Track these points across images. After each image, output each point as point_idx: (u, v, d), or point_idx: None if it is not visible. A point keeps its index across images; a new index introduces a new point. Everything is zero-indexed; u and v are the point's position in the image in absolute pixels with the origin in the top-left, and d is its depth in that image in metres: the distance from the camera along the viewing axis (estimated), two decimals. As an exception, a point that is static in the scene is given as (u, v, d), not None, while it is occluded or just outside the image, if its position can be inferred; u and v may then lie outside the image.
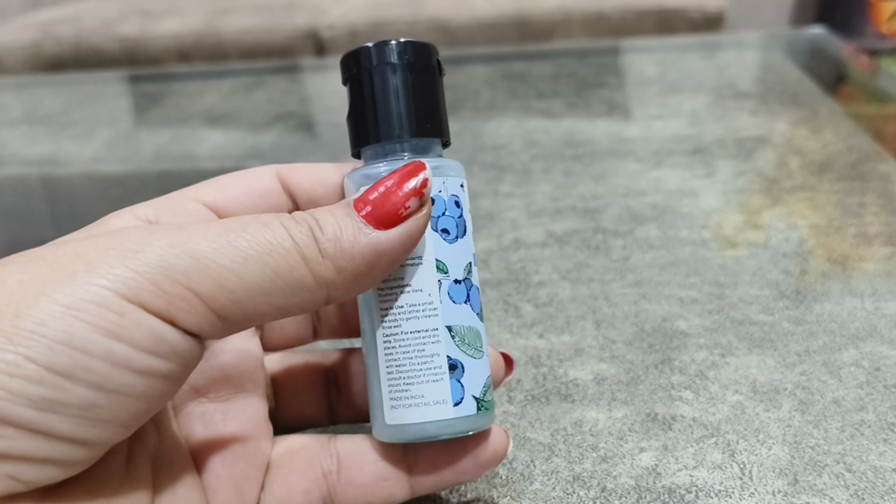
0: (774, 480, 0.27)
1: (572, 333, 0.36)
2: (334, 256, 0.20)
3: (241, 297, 0.19)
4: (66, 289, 0.17)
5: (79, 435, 0.18)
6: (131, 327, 0.18)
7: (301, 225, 0.20)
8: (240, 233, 0.19)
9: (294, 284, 0.20)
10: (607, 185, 0.53)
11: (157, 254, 0.18)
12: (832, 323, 0.36)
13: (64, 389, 0.17)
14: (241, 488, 0.24)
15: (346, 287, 0.21)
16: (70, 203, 0.66)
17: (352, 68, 0.25)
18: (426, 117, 0.25)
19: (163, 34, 1.51)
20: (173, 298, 0.18)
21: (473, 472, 0.25)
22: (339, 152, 0.64)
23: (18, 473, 0.17)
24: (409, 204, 0.21)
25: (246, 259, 0.19)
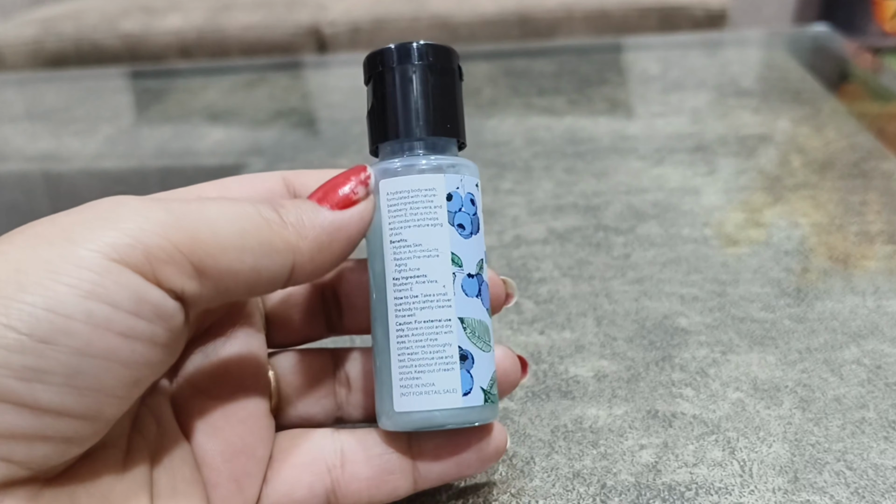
0: (775, 478, 0.27)
1: (573, 330, 0.36)
2: (296, 224, 0.22)
3: (216, 252, 0.20)
4: (45, 254, 0.17)
5: (66, 406, 0.17)
6: (112, 287, 0.18)
7: (263, 204, 0.22)
8: (208, 201, 0.21)
9: (262, 242, 0.21)
10: (609, 182, 0.53)
11: (133, 211, 0.19)
12: (833, 321, 0.36)
13: (46, 356, 0.17)
14: (241, 483, 0.24)
15: (311, 255, 0.22)
16: (71, 199, 0.66)
17: (375, 67, 0.26)
18: (444, 118, 0.25)
19: (164, 30, 1.51)
20: (154, 252, 0.18)
21: (476, 465, 0.25)
22: (340, 149, 0.64)
23: (9, 453, 0.17)
24: (357, 190, 0.23)
25: (216, 217, 0.20)
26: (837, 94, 0.70)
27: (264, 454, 0.25)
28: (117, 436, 0.22)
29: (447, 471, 0.25)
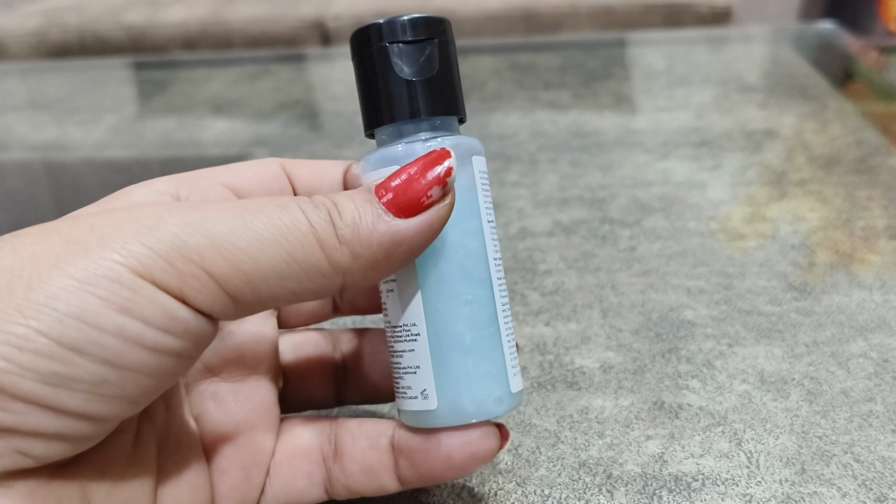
0: (782, 469, 0.27)
1: (579, 322, 0.36)
2: (351, 243, 0.20)
3: (255, 280, 0.19)
4: (80, 262, 0.17)
5: (89, 411, 0.17)
6: (144, 304, 0.17)
7: (319, 209, 0.20)
8: (256, 214, 0.19)
9: (309, 269, 0.19)
10: (614, 175, 0.52)
11: (171, 231, 0.18)
12: (840, 314, 0.36)
13: (74, 364, 0.17)
14: (249, 471, 0.24)
15: (363, 274, 0.20)
16: (74, 188, 0.66)
17: (362, 46, 0.24)
18: (442, 94, 0.24)
19: (168, 23, 1.51)
20: (186, 277, 0.18)
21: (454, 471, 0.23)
22: (343, 141, 0.64)
23: (27, 449, 0.17)
24: (431, 193, 0.21)
25: (261, 241, 0.19)
26: (843, 91, 0.70)
27: (271, 442, 0.25)
28: (128, 421, 0.21)
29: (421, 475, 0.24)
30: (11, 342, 0.16)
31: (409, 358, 0.23)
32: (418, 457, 0.23)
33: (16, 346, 0.16)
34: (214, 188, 0.23)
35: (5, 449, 0.17)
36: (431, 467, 0.23)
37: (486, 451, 0.23)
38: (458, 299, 0.23)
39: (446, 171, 0.21)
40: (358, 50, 0.24)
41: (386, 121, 0.24)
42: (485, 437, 0.23)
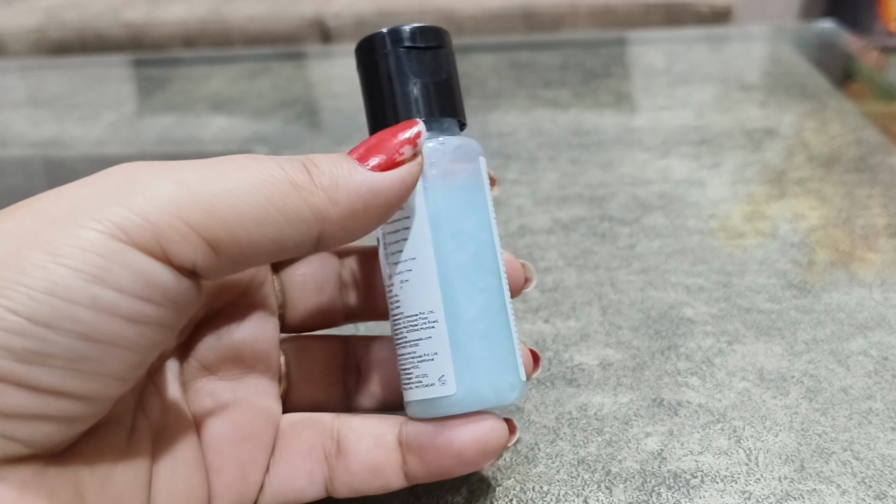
0: (781, 467, 0.27)
1: (578, 319, 0.36)
2: (329, 188, 0.20)
3: (234, 226, 0.19)
4: (48, 234, 0.17)
5: (70, 388, 0.17)
6: (117, 271, 0.17)
7: (293, 161, 0.20)
8: (228, 164, 0.19)
9: (287, 212, 0.19)
10: (614, 173, 0.52)
11: (143, 185, 0.18)
12: (840, 312, 0.36)
13: (48, 341, 0.16)
14: (246, 470, 0.24)
15: (341, 224, 0.21)
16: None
17: (366, 54, 0.25)
18: (442, 99, 0.25)
19: (168, 20, 1.51)
20: (164, 230, 0.17)
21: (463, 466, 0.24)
22: (343, 138, 0.64)
23: (12, 431, 0.17)
24: (403, 150, 0.22)
25: (238, 188, 0.19)
26: (843, 91, 0.70)
27: (270, 441, 0.25)
28: (122, 414, 0.21)
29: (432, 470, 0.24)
30: None
31: (425, 345, 0.23)
32: (429, 452, 0.23)
33: None
34: None
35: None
36: (442, 462, 0.23)
37: (497, 444, 0.23)
38: (472, 287, 0.24)
39: (416, 133, 0.22)
40: (364, 57, 0.25)
41: (390, 122, 0.24)
42: (495, 430, 0.23)
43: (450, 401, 0.23)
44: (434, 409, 0.24)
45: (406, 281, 0.24)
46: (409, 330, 0.24)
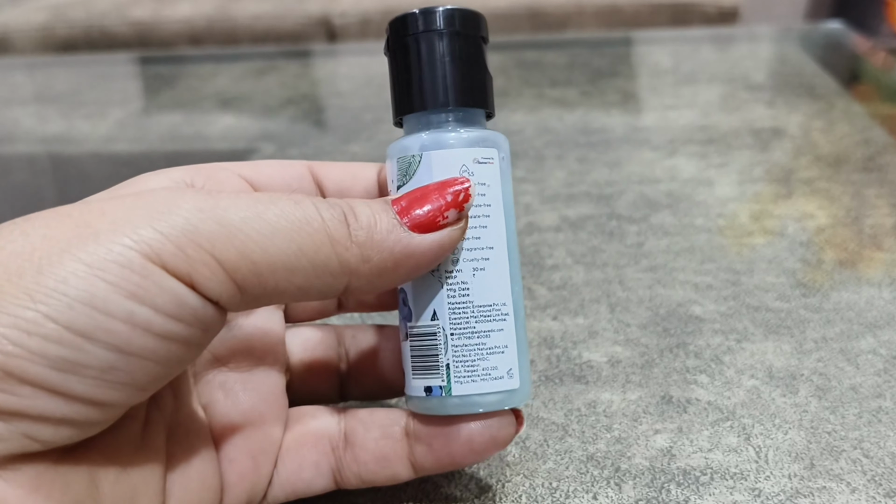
0: (790, 464, 0.27)
1: (586, 316, 0.36)
2: (364, 245, 0.20)
3: (263, 271, 0.19)
4: (90, 247, 0.17)
5: (97, 396, 0.17)
6: (154, 290, 0.17)
7: (334, 208, 0.20)
8: (269, 205, 0.19)
9: (318, 265, 0.19)
10: (621, 172, 0.52)
11: (183, 216, 0.18)
12: (849, 311, 0.35)
13: (84, 350, 0.17)
14: (257, 460, 0.24)
15: (368, 279, 0.21)
16: (81, 181, 0.66)
17: (398, 34, 0.24)
18: (472, 87, 0.24)
19: (175, 18, 1.51)
20: (196, 263, 0.18)
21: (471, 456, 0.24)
22: (350, 136, 0.64)
23: (35, 433, 0.17)
24: (448, 214, 0.21)
25: (273, 232, 0.19)
26: (851, 91, 0.69)
27: (279, 432, 0.25)
28: (137, 408, 0.21)
29: (440, 460, 0.24)
30: (20, 326, 0.16)
31: (496, 338, 0.23)
32: (438, 441, 0.23)
33: (24, 330, 0.16)
34: (231, 179, 0.23)
35: (12, 433, 0.17)
36: (452, 451, 0.23)
37: (506, 434, 0.23)
38: (519, 282, 0.24)
39: (465, 196, 0.22)
40: (394, 38, 0.24)
41: (416, 108, 0.24)
42: (503, 420, 0.23)
43: (514, 395, 0.24)
44: (502, 402, 0.23)
45: (481, 269, 0.23)
46: (479, 321, 0.23)
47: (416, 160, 0.23)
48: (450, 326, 0.23)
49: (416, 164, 0.23)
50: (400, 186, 0.24)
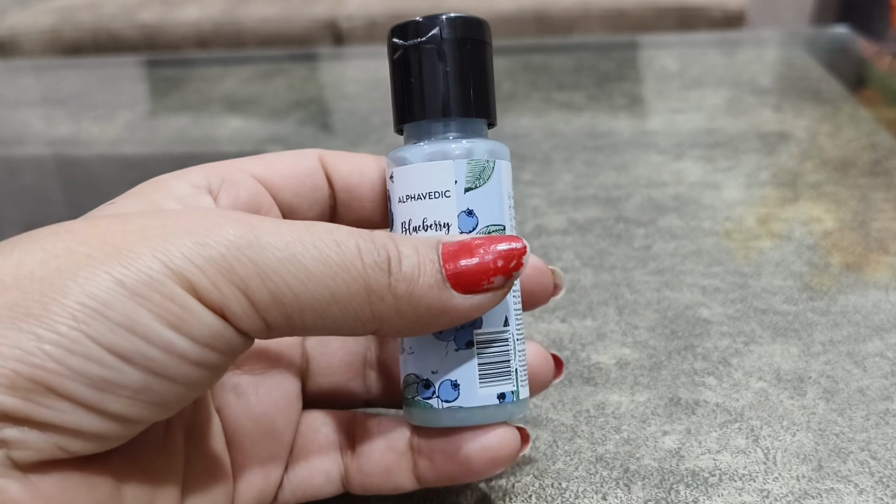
0: (799, 466, 0.27)
1: (594, 318, 0.36)
2: (401, 298, 0.20)
3: (293, 313, 0.19)
4: (133, 272, 0.17)
5: (129, 414, 0.18)
6: (192, 321, 0.18)
7: (379, 252, 0.20)
8: (309, 247, 0.19)
9: (348, 313, 0.19)
10: (629, 175, 0.53)
11: (221, 251, 0.18)
12: (857, 314, 0.36)
13: (121, 372, 0.17)
14: (267, 466, 0.24)
15: (398, 329, 0.21)
16: (89, 183, 0.66)
17: (399, 41, 0.24)
18: (475, 96, 0.24)
19: (182, 21, 1.52)
20: (229, 300, 0.18)
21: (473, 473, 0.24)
22: (357, 139, 0.64)
23: (66, 445, 0.17)
24: (494, 280, 0.21)
25: (308, 277, 0.19)
26: (857, 95, 0.70)
27: (290, 438, 0.25)
28: None
29: (441, 476, 0.24)
30: (63, 345, 0.17)
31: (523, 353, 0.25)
32: (439, 458, 0.24)
33: (67, 349, 0.17)
34: (245, 181, 0.24)
35: (46, 442, 0.17)
36: (451, 469, 0.23)
37: (507, 454, 0.23)
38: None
39: (517, 265, 0.21)
40: (396, 45, 0.24)
41: (417, 117, 0.24)
42: (505, 439, 0.23)
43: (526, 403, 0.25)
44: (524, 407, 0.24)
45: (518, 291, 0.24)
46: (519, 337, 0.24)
47: (489, 166, 0.23)
48: (515, 332, 0.24)
49: (490, 170, 0.23)
50: (468, 189, 0.23)
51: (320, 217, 0.26)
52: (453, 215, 0.23)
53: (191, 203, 0.22)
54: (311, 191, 0.25)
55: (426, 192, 0.23)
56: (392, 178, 0.24)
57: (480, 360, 0.23)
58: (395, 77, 0.25)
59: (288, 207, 0.25)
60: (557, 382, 0.27)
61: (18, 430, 0.17)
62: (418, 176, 0.23)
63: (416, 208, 0.23)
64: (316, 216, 0.26)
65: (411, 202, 0.23)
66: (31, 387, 0.16)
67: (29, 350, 0.16)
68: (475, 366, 0.23)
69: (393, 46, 0.24)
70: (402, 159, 0.24)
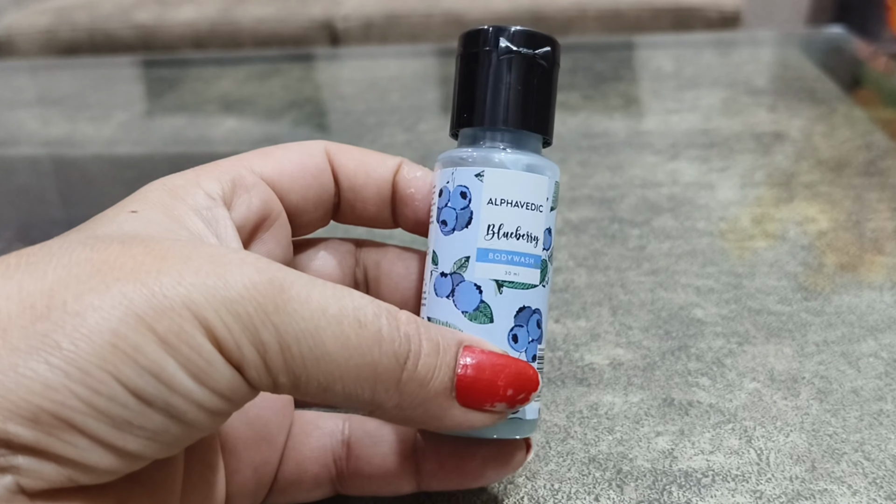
0: (792, 467, 0.27)
1: (588, 319, 0.36)
2: (405, 396, 0.20)
3: (300, 383, 0.19)
4: (166, 320, 0.17)
5: (144, 453, 0.18)
6: (214, 374, 0.18)
7: (401, 343, 0.20)
8: (332, 322, 0.19)
9: (350, 394, 0.20)
10: (623, 175, 0.53)
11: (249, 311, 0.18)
12: (851, 314, 0.36)
13: (144, 415, 0.17)
14: (259, 471, 0.24)
15: (389, 418, 0.21)
16: (85, 184, 0.66)
17: (472, 47, 0.24)
18: (535, 112, 0.24)
19: (178, 22, 1.52)
20: (247, 359, 0.18)
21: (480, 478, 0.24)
22: (353, 140, 0.64)
23: (78, 478, 0.17)
24: (496, 405, 0.21)
25: (324, 355, 0.19)
26: (852, 95, 0.70)
27: (282, 441, 0.25)
28: None
29: (449, 481, 0.24)
30: (90, 385, 0.17)
31: None
32: (448, 464, 0.24)
33: (94, 389, 0.17)
34: (257, 187, 0.23)
35: (59, 475, 0.17)
36: (460, 474, 0.24)
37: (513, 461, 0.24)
38: None
39: (525, 399, 0.21)
40: (466, 50, 0.24)
41: (476, 123, 0.24)
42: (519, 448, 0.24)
43: None
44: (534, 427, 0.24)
45: None
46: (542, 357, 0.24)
47: (559, 189, 0.24)
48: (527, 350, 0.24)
49: (559, 193, 0.24)
50: (552, 209, 0.24)
51: (324, 217, 0.26)
52: (541, 230, 0.23)
53: (210, 217, 0.22)
54: (317, 192, 0.25)
55: (524, 202, 0.23)
56: (481, 177, 0.23)
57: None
58: (459, 82, 0.25)
59: (294, 209, 0.25)
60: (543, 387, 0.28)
61: (35, 460, 0.17)
62: (518, 183, 0.23)
63: (512, 215, 0.23)
64: (320, 217, 0.26)
65: (507, 206, 0.23)
66: (53, 422, 0.16)
67: (55, 386, 0.16)
68: None
69: (464, 51, 0.24)
70: (498, 162, 0.23)
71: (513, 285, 0.23)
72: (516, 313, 0.23)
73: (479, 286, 0.23)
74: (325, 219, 0.26)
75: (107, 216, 0.21)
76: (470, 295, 0.23)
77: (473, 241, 0.23)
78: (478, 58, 0.24)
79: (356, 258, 0.27)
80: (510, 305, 0.23)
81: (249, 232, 0.24)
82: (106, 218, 0.21)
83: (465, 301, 0.23)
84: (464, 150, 0.24)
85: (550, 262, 0.24)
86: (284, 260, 0.25)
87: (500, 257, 0.23)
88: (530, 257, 0.23)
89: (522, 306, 0.23)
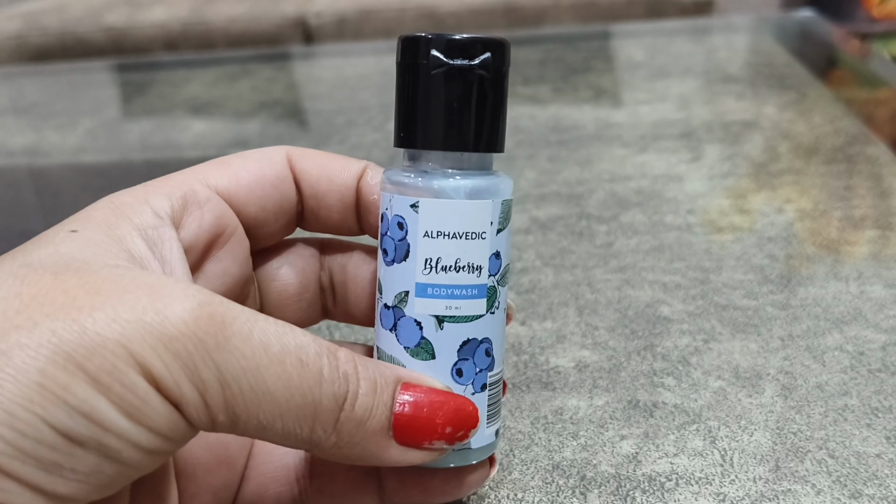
0: (756, 467, 0.27)
1: (554, 320, 0.36)
2: (342, 435, 0.20)
3: (240, 420, 0.19)
4: (98, 358, 0.17)
5: (76, 495, 0.17)
6: (150, 413, 0.17)
7: (340, 384, 0.19)
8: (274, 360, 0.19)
9: (289, 432, 0.19)
10: (592, 170, 0.52)
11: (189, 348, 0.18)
12: (816, 307, 0.35)
13: (75, 456, 0.17)
14: (219, 495, 0.24)
15: (327, 456, 0.21)
16: (52, 193, 0.65)
17: (408, 57, 0.22)
18: (477, 128, 0.22)
19: (149, 23, 1.50)
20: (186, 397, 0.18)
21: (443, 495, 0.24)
22: (324, 139, 0.64)
23: None
24: (434, 443, 0.21)
25: (265, 395, 0.18)
26: (825, 80, 0.69)
27: (243, 464, 0.25)
28: None
29: (412, 497, 0.24)
30: (16, 427, 0.16)
31: None
32: (411, 479, 0.24)
33: (20, 431, 0.16)
34: (211, 202, 0.23)
35: None
36: (424, 492, 0.24)
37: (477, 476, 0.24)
38: None
39: (463, 436, 0.21)
40: (402, 60, 0.22)
41: (414, 144, 0.22)
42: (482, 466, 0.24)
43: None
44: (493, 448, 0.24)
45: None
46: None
47: (511, 205, 0.23)
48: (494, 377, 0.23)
49: (510, 209, 0.23)
50: (499, 230, 0.22)
51: (286, 227, 0.25)
52: (485, 258, 0.22)
53: (155, 237, 0.21)
54: (277, 203, 0.24)
55: (464, 232, 0.22)
56: (416, 208, 0.22)
57: (489, 401, 0.23)
58: (400, 91, 0.23)
59: (253, 221, 0.24)
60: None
61: None
62: (457, 213, 0.21)
63: (450, 247, 0.21)
64: (282, 227, 0.25)
65: (444, 239, 0.21)
66: None
67: None
68: (485, 407, 0.23)
69: (404, 58, 0.22)
70: (436, 190, 0.22)
71: (454, 320, 0.22)
72: (460, 347, 0.22)
73: (420, 322, 0.22)
74: (289, 228, 0.25)
75: (46, 236, 0.20)
76: (410, 331, 0.22)
77: (412, 276, 0.22)
78: (413, 69, 0.22)
79: (321, 262, 0.26)
80: (453, 340, 0.22)
81: (202, 250, 0.23)
82: (45, 238, 0.20)
83: (406, 337, 0.22)
84: (403, 174, 0.22)
85: (501, 284, 0.23)
86: (242, 276, 0.24)
87: (439, 292, 0.22)
88: (473, 288, 0.22)
89: (466, 339, 0.22)
